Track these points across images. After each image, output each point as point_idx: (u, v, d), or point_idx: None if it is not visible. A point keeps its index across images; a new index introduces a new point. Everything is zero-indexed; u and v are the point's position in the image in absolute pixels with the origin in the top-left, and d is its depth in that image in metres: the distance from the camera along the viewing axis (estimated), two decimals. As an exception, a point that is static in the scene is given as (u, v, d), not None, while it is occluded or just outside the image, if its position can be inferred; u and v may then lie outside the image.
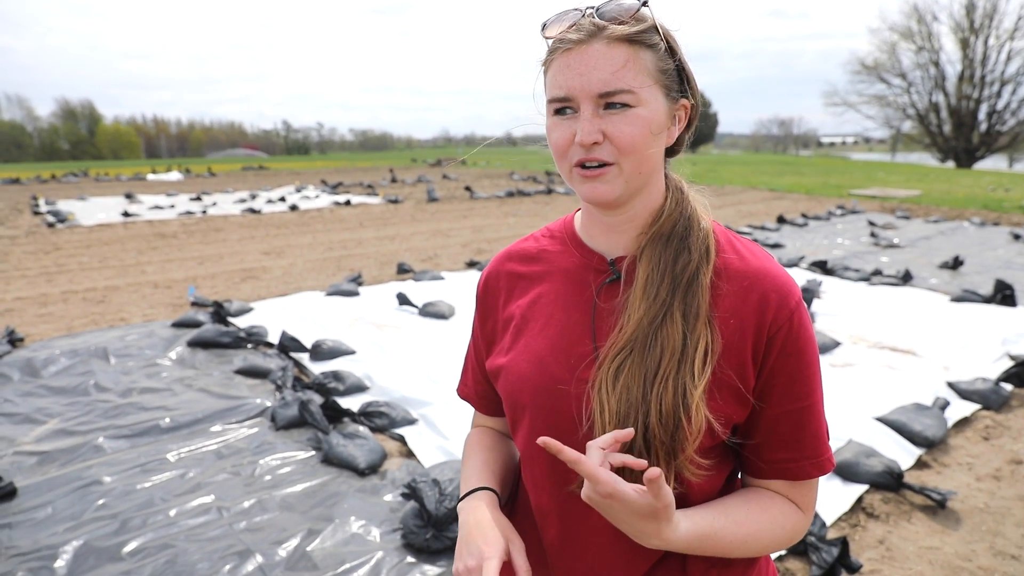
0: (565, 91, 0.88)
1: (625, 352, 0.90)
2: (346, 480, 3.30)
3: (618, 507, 0.80)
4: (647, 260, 0.94)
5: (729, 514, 0.91)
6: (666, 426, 0.85)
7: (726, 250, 0.96)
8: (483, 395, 1.16)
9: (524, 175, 25.55)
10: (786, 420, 0.93)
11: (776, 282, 0.92)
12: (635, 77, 0.86)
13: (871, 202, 16.54)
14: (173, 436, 3.76)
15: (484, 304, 1.12)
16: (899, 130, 51.36)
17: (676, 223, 0.96)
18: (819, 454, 0.95)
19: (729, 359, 0.90)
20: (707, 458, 0.91)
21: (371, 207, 16.34)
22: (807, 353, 0.93)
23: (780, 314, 0.91)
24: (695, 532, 0.86)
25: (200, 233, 12.13)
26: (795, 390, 0.92)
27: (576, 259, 1.02)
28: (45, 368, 4.74)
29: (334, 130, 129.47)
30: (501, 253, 1.13)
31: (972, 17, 42.61)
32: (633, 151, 0.88)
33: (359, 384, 4.39)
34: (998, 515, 3.01)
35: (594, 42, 0.86)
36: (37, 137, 73.34)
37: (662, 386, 0.86)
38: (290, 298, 6.84)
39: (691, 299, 0.90)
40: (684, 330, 0.89)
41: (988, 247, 9.96)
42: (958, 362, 4.81)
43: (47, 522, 2.93)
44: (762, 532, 0.92)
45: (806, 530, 0.98)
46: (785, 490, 0.96)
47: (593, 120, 0.87)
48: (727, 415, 0.90)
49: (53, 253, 10.13)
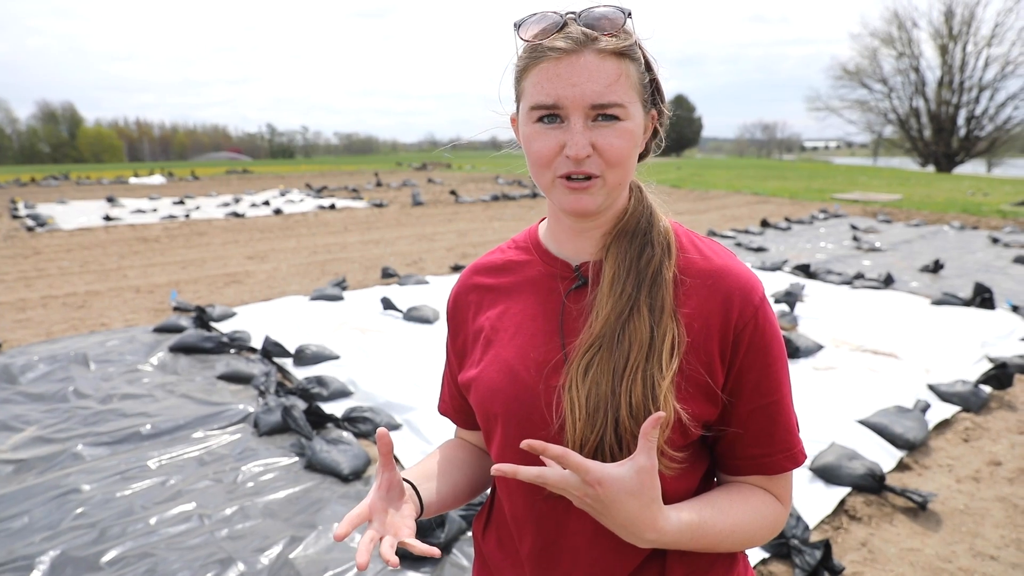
0: (555, 100, 0.86)
1: (594, 348, 0.91)
2: (330, 486, 3.27)
3: (611, 494, 0.79)
4: (613, 257, 0.95)
5: (714, 504, 0.92)
6: (637, 419, 0.86)
7: (688, 250, 0.97)
8: (459, 410, 1.16)
9: (509, 179, 25.58)
10: (758, 416, 0.94)
11: (739, 280, 0.94)
12: (626, 92, 0.87)
13: (853, 206, 16.71)
14: (154, 443, 3.71)
15: (454, 320, 1.12)
16: (880, 135, 51.92)
17: (639, 220, 0.98)
18: (791, 447, 0.96)
19: (697, 357, 0.91)
20: (680, 452, 0.91)
21: (356, 211, 16.27)
22: (774, 348, 0.94)
23: (745, 311, 0.92)
24: (687, 522, 0.87)
25: (183, 237, 12.02)
26: (764, 386, 0.94)
27: (542, 268, 1.03)
28: (23, 374, 4.67)
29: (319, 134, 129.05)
30: (468, 267, 1.14)
31: (951, 24, 43.23)
32: (620, 164, 0.89)
33: (343, 389, 4.36)
34: (977, 516, 3.04)
35: (585, 52, 0.86)
36: (16, 140, 72.59)
37: (631, 379, 0.87)
38: (274, 303, 6.79)
39: (656, 293, 0.92)
40: (651, 323, 0.90)
41: (967, 251, 10.09)
42: (938, 365, 4.86)
43: (23, 532, 2.88)
44: (746, 522, 0.93)
45: (785, 521, 1.00)
46: (762, 484, 0.98)
47: (584, 132, 0.86)
48: (698, 413, 0.91)
49: (32, 257, 9.99)
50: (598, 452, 0.88)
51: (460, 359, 1.10)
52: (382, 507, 0.89)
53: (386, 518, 0.89)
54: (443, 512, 1.07)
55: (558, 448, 0.79)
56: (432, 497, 1.02)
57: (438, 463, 1.10)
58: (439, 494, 1.04)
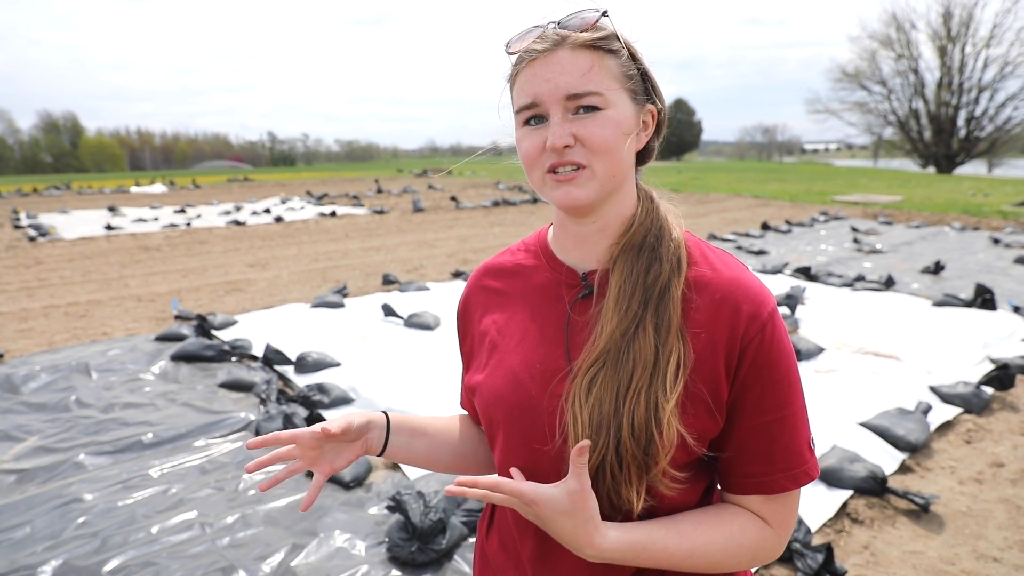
0: (532, 97, 0.89)
1: (598, 365, 0.89)
2: (331, 493, 3.27)
3: (546, 513, 0.84)
4: (619, 272, 0.94)
5: (673, 526, 0.90)
6: (638, 440, 0.85)
7: (699, 263, 0.95)
8: (475, 408, 1.17)
9: (510, 184, 25.59)
10: (758, 433, 0.91)
11: (748, 293, 0.91)
12: (601, 80, 0.88)
13: (854, 208, 16.72)
14: (156, 452, 3.72)
15: (463, 321, 1.13)
16: (880, 136, 52.00)
17: (647, 233, 0.96)
18: (794, 466, 0.92)
19: (702, 373, 0.89)
20: (683, 472, 0.90)
21: (357, 218, 16.30)
22: (781, 364, 0.91)
23: (752, 326, 0.89)
24: (627, 540, 0.87)
25: (184, 246, 12.04)
26: (767, 403, 0.91)
27: (549, 274, 1.03)
28: (25, 384, 4.67)
29: (319, 141, 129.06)
30: (479, 268, 1.14)
31: (949, 25, 43.34)
32: (606, 151, 0.89)
33: (344, 396, 4.36)
34: (980, 518, 3.04)
35: (559, 50, 0.89)
36: (18, 150, 72.65)
37: (634, 400, 0.86)
38: (275, 310, 6.80)
39: (663, 311, 0.90)
40: (656, 343, 0.88)
41: (968, 252, 10.08)
42: (940, 366, 4.85)
43: (25, 541, 2.88)
44: (712, 547, 0.90)
45: (778, 550, 0.95)
46: (759, 506, 0.94)
47: (563, 124, 0.88)
48: (701, 430, 0.90)
49: (34, 267, 10.02)
50: (599, 470, 0.87)
51: (468, 361, 1.11)
52: (311, 443, 0.98)
53: (311, 453, 0.99)
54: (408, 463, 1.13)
55: (488, 479, 0.85)
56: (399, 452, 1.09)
57: (439, 430, 1.15)
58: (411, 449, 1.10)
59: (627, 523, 0.89)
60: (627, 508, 0.88)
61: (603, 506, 0.88)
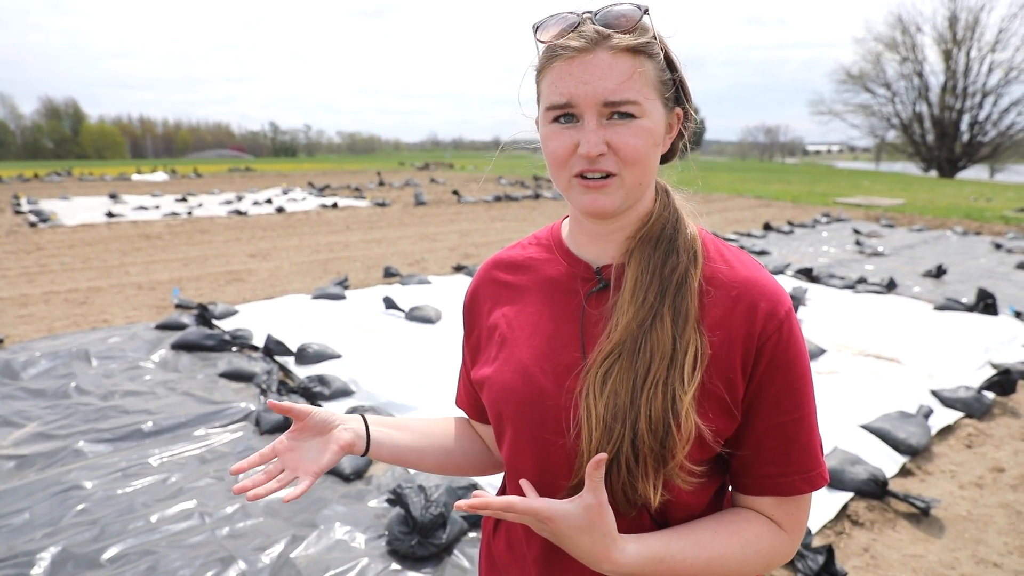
0: (567, 98, 0.86)
1: (613, 356, 0.88)
2: (331, 486, 3.27)
3: (562, 529, 0.82)
4: (636, 263, 0.92)
5: (690, 537, 0.89)
6: (655, 432, 0.84)
7: (715, 259, 0.94)
8: (474, 405, 1.15)
9: (512, 179, 25.57)
10: (775, 433, 0.91)
11: (765, 292, 0.91)
12: (640, 88, 0.85)
13: (856, 210, 16.71)
14: (155, 440, 3.71)
15: (470, 314, 1.11)
16: (883, 139, 51.99)
17: (664, 226, 0.95)
18: (809, 468, 0.91)
19: (718, 371, 0.88)
20: (699, 467, 0.89)
21: (358, 210, 16.27)
22: (797, 364, 0.90)
23: (769, 324, 0.89)
24: (646, 554, 0.85)
25: (185, 234, 12.02)
26: (784, 403, 0.90)
27: (563, 268, 1.01)
28: (24, 370, 4.66)
29: (321, 132, 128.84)
30: (488, 261, 1.12)
31: (955, 29, 43.25)
32: (637, 163, 0.87)
33: (345, 388, 4.36)
34: (980, 523, 3.03)
35: (598, 51, 0.84)
36: (20, 135, 72.52)
37: (651, 391, 0.85)
38: (276, 301, 6.79)
39: (680, 302, 0.89)
40: (674, 334, 0.87)
41: (970, 256, 10.08)
42: (941, 370, 4.85)
43: (24, 528, 2.88)
44: (730, 556, 0.90)
45: (791, 554, 0.94)
46: (772, 508, 0.94)
47: (598, 131, 0.85)
48: (716, 428, 0.88)
49: (35, 253, 9.99)
50: (614, 463, 0.86)
51: (474, 355, 1.09)
52: (288, 446, 0.99)
53: (293, 456, 0.99)
54: (395, 463, 1.10)
55: (500, 500, 0.82)
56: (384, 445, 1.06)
57: (422, 426, 1.13)
58: (395, 446, 1.08)
59: (644, 535, 0.87)
60: (642, 503, 0.88)
61: (618, 501, 0.87)
